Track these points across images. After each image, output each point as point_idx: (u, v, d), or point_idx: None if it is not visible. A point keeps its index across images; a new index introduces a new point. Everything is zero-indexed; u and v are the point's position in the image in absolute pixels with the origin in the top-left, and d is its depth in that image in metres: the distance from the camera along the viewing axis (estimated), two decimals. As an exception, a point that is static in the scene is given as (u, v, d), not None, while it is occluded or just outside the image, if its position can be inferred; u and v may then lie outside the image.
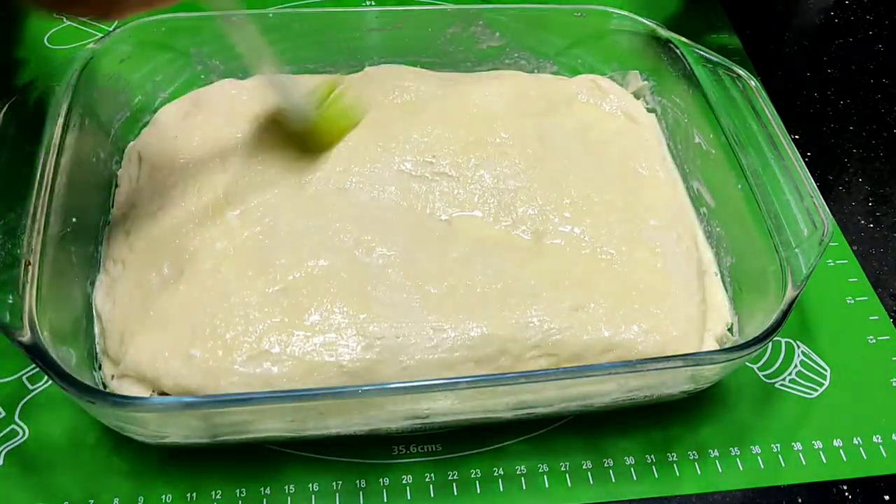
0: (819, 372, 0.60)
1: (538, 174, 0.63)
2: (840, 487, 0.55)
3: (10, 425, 0.54)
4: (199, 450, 0.53)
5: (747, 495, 0.54)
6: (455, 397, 0.49)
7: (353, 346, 0.52)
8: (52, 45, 0.79)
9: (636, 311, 0.55)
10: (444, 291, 0.55)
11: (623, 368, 0.49)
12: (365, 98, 0.65)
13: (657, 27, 0.69)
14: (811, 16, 0.93)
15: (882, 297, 0.65)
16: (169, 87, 0.68)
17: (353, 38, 0.71)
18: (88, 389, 0.45)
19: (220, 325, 0.52)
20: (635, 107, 0.70)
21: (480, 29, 0.72)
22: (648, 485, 0.54)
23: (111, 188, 0.62)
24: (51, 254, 0.51)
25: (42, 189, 0.52)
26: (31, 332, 0.46)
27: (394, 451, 0.54)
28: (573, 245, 0.59)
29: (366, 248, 0.57)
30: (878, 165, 0.76)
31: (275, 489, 0.52)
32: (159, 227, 0.57)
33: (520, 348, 0.53)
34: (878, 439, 0.57)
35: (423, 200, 0.60)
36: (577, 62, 0.73)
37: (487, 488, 0.53)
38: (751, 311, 0.56)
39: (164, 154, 0.62)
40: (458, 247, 0.58)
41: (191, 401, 0.46)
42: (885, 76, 0.85)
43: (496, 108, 0.67)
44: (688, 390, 0.55)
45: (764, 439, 0.56)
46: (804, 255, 0.53)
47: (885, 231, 0.71)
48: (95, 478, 0.52)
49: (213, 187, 0.60)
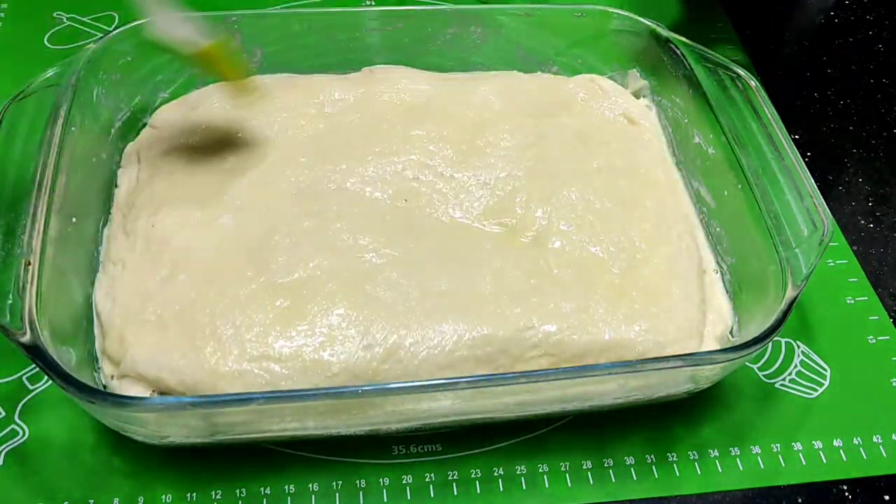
0: (819, 372, 0.60)
1: (538, 174, 0.63)
2: (840, 487, 0.55)
3: (10, 425, 0.54)
4: (199, 450, 0.53)
5: (747, 495, 0.54)
6: (455, 397, 0.49)
7: (353, 346, 0.52)
8: (52, 45, 0.79)
9: (636, 311, 0.55)
10: (443, 291, 0.55)
11: (623, 368, 0.49)
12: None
13: (657, 27, 0.69)
14: (811, 16, 0.93)
15: (882, 297, 0.65)
16: (169, 87, 0.68)
17: (353, 38, 0.71)
18: (88, 389, 0.45)
19: (219, 325, 0.52)
20: (635, 107, 0.70)
21: (480, 29, 0.72)
22: (648, 485, 0.54)
23: (111, 188, 0.62)
24: (51, 254, 0.51)
25: (42, 189, 0.52)
26: (31, 332, 0.46)
27: (394, 451, 0.54)
28: (573, 245, 0.59)
29: (365, 248, 0.57)
30: (878, 165, 0.76)
31: (275, 489, 0.52)
32: (159, 227, 0.57)
33: (520, 348, 0.53)
34: (878, 439, 0.57)
35: (423, 200, 0.60)
36: (577, 62, 0.73)
37: (487, 488, 0.53)
38: (751, 311, 0.56)
39: (164, 154, 0.62)
40: (457, 247, 0.57)
41: (191, 401, 0.46)
42: (885, 76, 0.85)
43: (496, 108, 0.67)
44: (688, 390, 0.55)
45: (764, 439, 0.56)
46: (804, 255, 0.53)
47: (885, 231, 0.71)
48: (95, 478, 0.52)
49: (213, 187, 0.60)
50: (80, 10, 0.83)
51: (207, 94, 0.67)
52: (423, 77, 0.69)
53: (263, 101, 0.64)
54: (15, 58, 0.78)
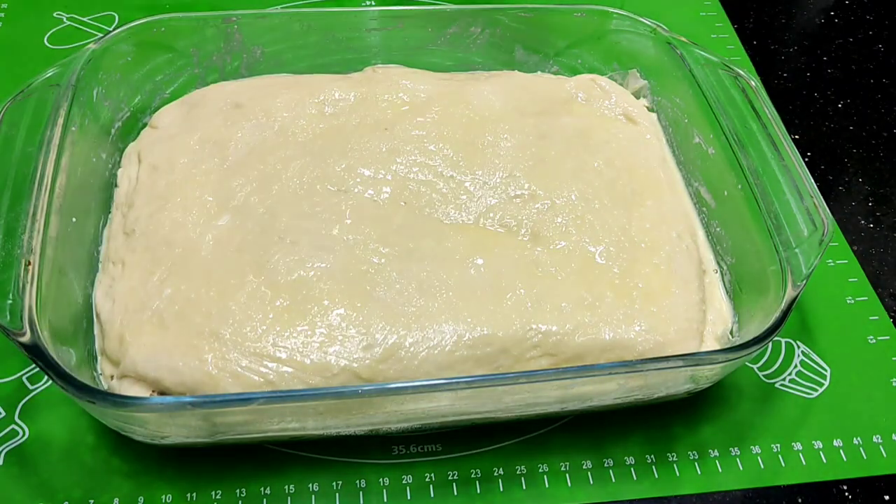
0: (819, 372, 0.60)
1: (538, 174, 0.63)
2: (840, 487, 0.55)
3: (10, 425, 0.54)
4: (199, 450, 0.53)
5: (747, 495, 0.54)
6: (455, 397, 0.49)
7: (353, 346, 0.52)
8: (52, 45, 0.79)
9: (636, 310, 0.55)
10: (443, 291, 0.55)
11: (623, 368, 0.49)
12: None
13: (657, 27, 0.69)
14: (811, 16, 0.93)
15: (882, 297, 0.65)
16: (169, 87, 0.69)
17: (353, 38, 0.71)
18: (88, 389, 0.45)
19: (219, 325, 0.52)
20: (636, 107, 0.70)
21: (480, 29, 0.72)
22: (648, 485, 0.54)
23: (111, 188, 0.62)
24: (51, 254, 0.51)
25: (42, 189, 0.52)
26: (31, 332, 0.46)
27: (394, 451, 0.54)
28: (573, 245, 0.59)
29: (365, 248, 0.57)
30: (878, 165, 0.76)
31: (275, 489, 0.52)
32: (159, 227, 0.57)
33: (520, 348, 0.53)
34: (878, 439, 0.57)
35: (423, 200, 0.60)
36: (577, 62, 0.73)
37: (487, 488, 0.53)
38: (751, 311, 0.56)
39: (164, 154, 0.62)
40: (457, 247, 0.57)
41: (191, 401, 0.46)
42: (885, 76, 0.85)
43: (496, 108, 0.67)
44: (688, 390, 0.55)
45: (764, 439, 0.56)
46: (804, 255, 0.53)
47: (885, 231, 0.71)
48: (95, 478, 0.52)
49: (213, 188, 0.60)
50: (80, 10, 0.83)
51: (207, 94, 0.67)
52: (423, 77, 0.69)
53: (263, 100, 0.64)
54: (15, 58, 0.78)
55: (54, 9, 0.83)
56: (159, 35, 0.67)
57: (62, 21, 0.82)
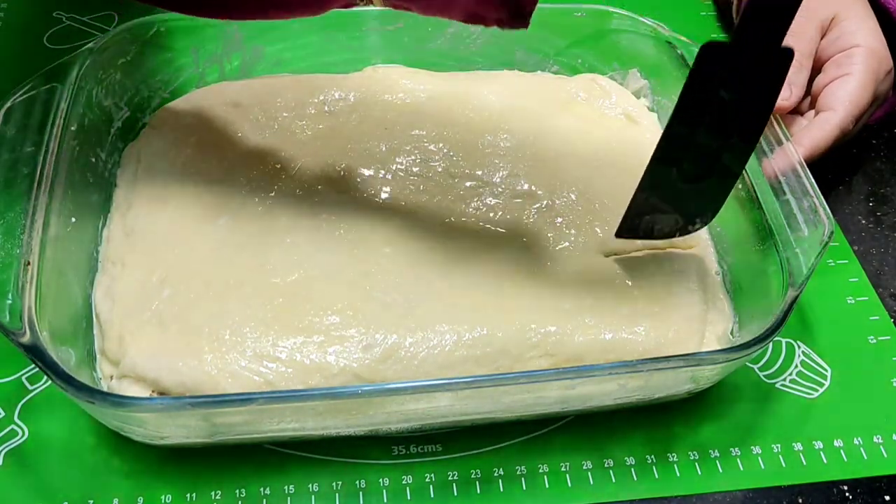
0: (819, 372, 0.60)
1: (538, 174, 0.63)
2: (841, 488, 0.55)
3: (10, 425, 0.54)
4: (199, 450, 0.53)
5: (748, 495, 0.54)
6: (455, 397, 0.49)
7: (353, 346, 0.52)
8: (51, 45, 0.79)
9: (636, 311, 0.55)
10: (443, 291, 0.55)
11: (623, 368, 0.49)
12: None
13: (657, 27, 0.69)
14: (811, 16, 0.93)
15: (882, 297, 0.65)
16: (169, 87, 0.68)
17: (353, 38, 0.71)
18: (88, 389, 0.45)
19: (219, 325, 0.52)
20: (636, 106, 0.70)
21: (480, 29, 0.72)
22: (648, 485, 0.54)
23: (111, 188, 0.62)
24: (51, 254, 0.51)
25: (42, 189, 0.52)
26: (31, 332, 0.46)
27: (394, 451, 0.54)
28: (573, 245, 0.59)
29: (365, 247, 0.57)
30: (878, 165, 0.76)
31: (275, 489, 0.52)
32: (158, 227, 0.57)
33: (520, 348, 0.53)
34: (878, 439, 0.57)
35: (423, 200, 0.60)
36: (577, 62, 0.73)
37: (487, 488, 0.53)
38: (751, 311, 0.56)
39: (164, 154, 0.62)
40: (457, 247, 0.57)
41: (191, 401, 0.46)
42: (885, 76, 0.85)
43: (496, 108, 0.67)
44: (688, 390, 0.55)
45: (764, 439, 0.56)
46: (804, 255, 0.53)
47: (885, 231, 0.71)
48: (95, 478, 0.52)
49: (212, 188, 0.60)
50: (80, 10, 0.83)
51: (207, 94, 0.67)
52: (423, 77, 0.69)
53: (263, 100, 0.64)
54: (15, 58, 0.78)
55: (54, 9, 0.83)
56: (159, 35, 0.66)
57: (62, 21, 0.81)
